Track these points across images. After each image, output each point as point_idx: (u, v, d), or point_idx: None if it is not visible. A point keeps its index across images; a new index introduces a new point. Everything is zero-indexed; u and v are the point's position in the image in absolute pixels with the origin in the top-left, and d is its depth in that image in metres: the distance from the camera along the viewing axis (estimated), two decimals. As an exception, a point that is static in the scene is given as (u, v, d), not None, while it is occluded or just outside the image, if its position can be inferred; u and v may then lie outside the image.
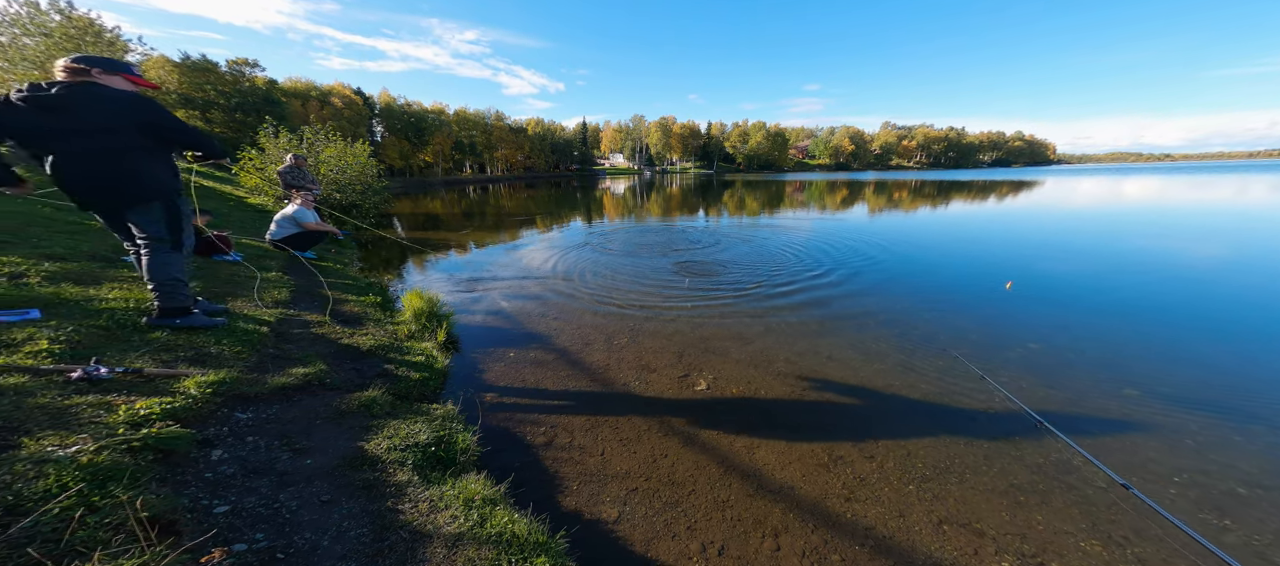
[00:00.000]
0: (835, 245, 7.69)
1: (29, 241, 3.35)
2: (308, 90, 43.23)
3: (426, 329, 3.39)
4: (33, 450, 1.25)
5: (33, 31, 14.92)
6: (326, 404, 2.07)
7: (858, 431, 2.41)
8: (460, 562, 1.37)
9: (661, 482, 2.01)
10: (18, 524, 0.99)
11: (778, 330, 3.84)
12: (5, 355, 1.73)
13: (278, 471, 1.56)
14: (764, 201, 17.82)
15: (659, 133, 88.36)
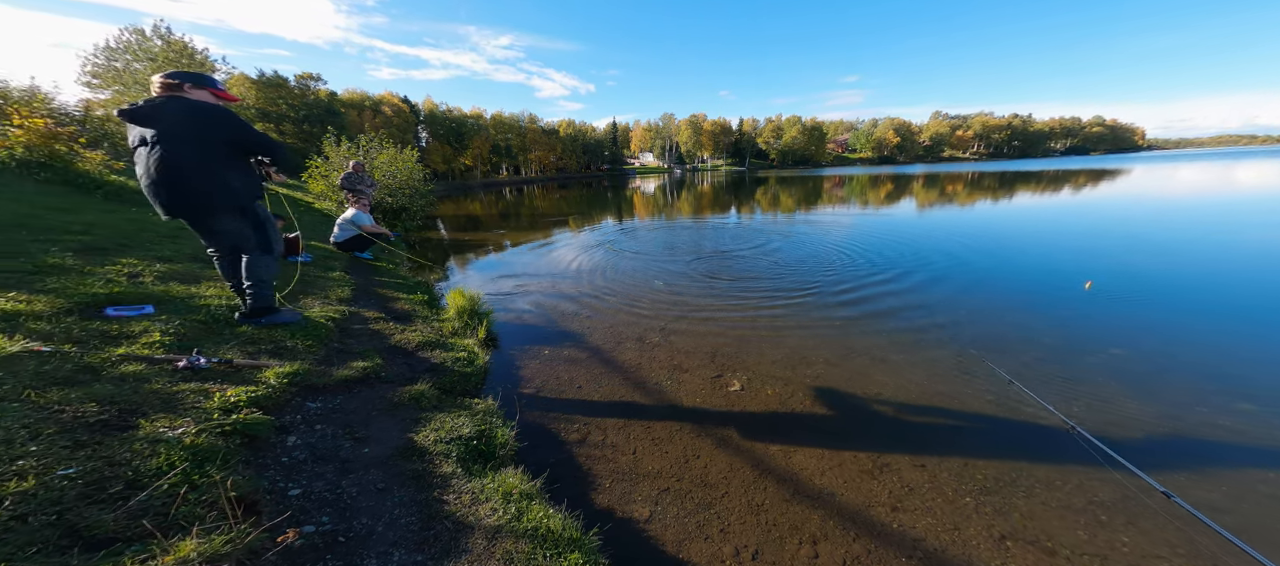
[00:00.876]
0: (881, 242, 7.24)
1: (142, 245, 3.85)
2: (362, 100, 46.52)
3: (468, 326, 3.56)
4: (147, 431, 1.43)
5: (141, 57, 17.08)
6: (381, 396, 2.23)
7: (906, 439, 2.26)
8: (499, 555, 1.43)
9: (694, 483, 1.98)
10: (136, 497, 1.14)
11: (816, 331, 3.68)
12: (126, 346, 1.99)
13: (341, 458, 1.69)
14: (800, 198, 17.11)
15: (689, 130, 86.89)
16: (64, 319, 2.10)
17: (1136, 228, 7.75)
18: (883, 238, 7.53)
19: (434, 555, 1.37)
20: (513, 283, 5.54)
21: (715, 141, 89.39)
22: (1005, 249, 6.50)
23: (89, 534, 1.00)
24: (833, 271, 5.49)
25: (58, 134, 5.93)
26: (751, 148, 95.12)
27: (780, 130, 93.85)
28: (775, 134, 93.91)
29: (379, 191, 9.92)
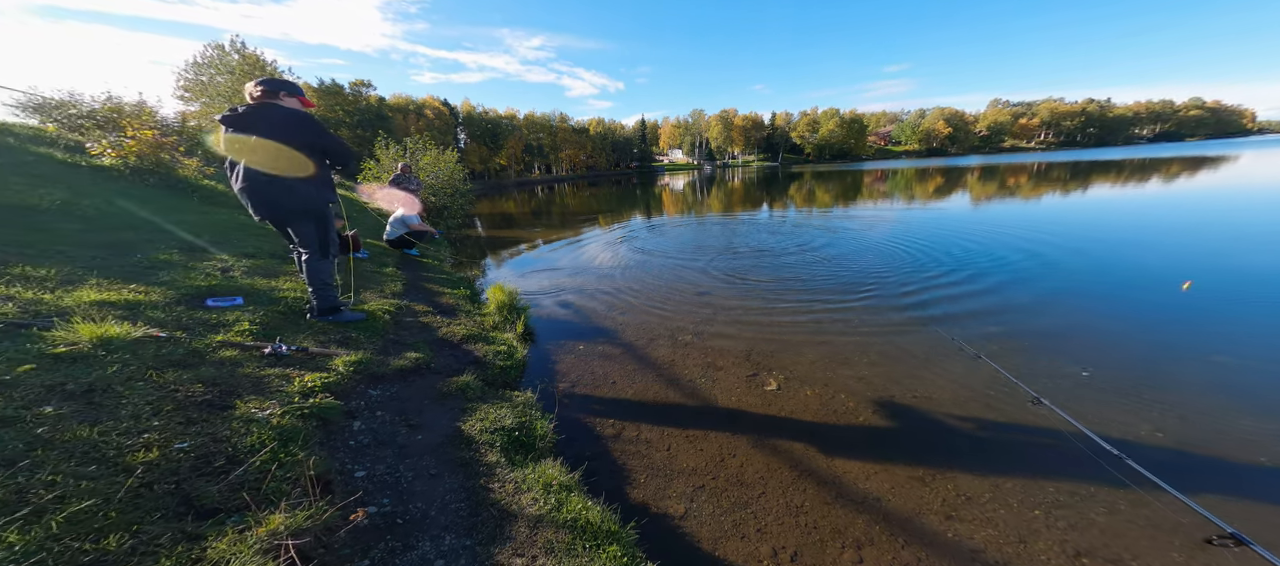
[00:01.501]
0: (944, 239, 6.75)
1: (233, 243, 4.31)
2: (406, 104, 49.13)
3: (507, 320, 3.70)
4: (242, 411, 1.61)
5: (222, 70, 19.00)
6: (432, 386, 2.37)
7: (964, 446, 2.13)
8: (540, 543, 1.49)
9: (730, 482, 1.97)
10: (235, 471, 1.30)
11: (859, 331, 3.53)
12: (223, 333, 2.24)
13: (398, 444, 1.83)
14: (839, 192, 16.32)
15: (719, 126, 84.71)
16: (174, 308, 2.40)
17: (1246, 221, 6.78)
18: (945, 234, 7.02)
19: (481, 540, 1.45)
20: (547, 279, 5.69)
21: (746, 137, 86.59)
22: (1085, 244, 5.89)
23: (199, 503, 1.15)
24: (893, 271, 5.17)
25: (163, 143, 6.73)
26: (785, 142, 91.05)
27: (816, 124, 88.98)
28: (811, 127, 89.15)
29: (423, 191, 10.51)
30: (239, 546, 1.00)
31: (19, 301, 1.93)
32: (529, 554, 1.44)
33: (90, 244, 3.19)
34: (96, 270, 2.59)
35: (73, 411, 1.33)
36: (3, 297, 1.93)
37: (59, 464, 1.10)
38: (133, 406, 1.44)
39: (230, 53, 19.63)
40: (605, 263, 6.42)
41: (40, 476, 1.04)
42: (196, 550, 0.99)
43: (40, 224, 3.34)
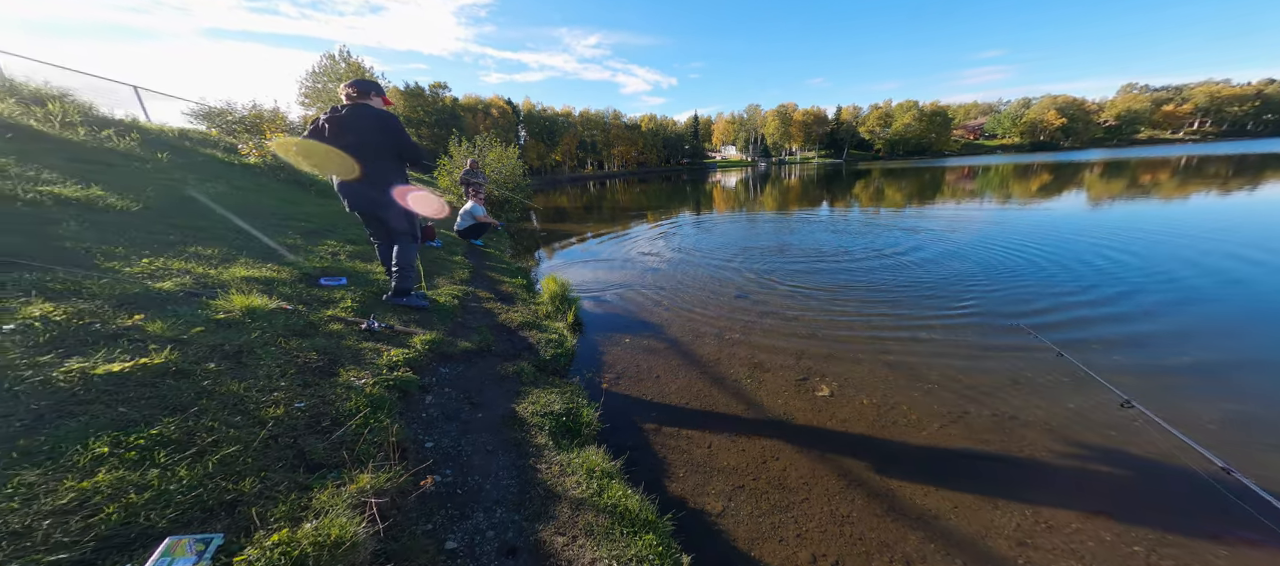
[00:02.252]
0: (1073, 246, 5.77)
1: (337, 231, 4.99)
2: (475, 104, 52.51)
3: (559, 310, 3.88)
4: (344, 378, 1.88)
5: (332, 78, 21.84)
6: (491, 368, 2.58)
7: (1047, 469, 1.88)
8: (581, 524, 1.56)
9: (770, 484, 1.92)
10: (337, 431, 1.52)
11: (927, 340, 3.21)
12: (331, 309, 2.61)
13: (462, 419, 2.01)
14: (912, 191, 14.68)
15: (777, 121, 79.43)
16: (297, 285, 2.84)
17: None
18: (1073, 241, 5.93)
19: (528, 516, 1.56)
20: (596, 271, 5.84)
21: (806, 132, 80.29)
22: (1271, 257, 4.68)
23: (309, 457, 1.36)
24: (995, 279, 4.51)
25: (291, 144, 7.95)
26: (851, 138, 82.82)
27: (889, 117, 79.42)
28: (882, 121, 79.83)
29: (488, 186, 11.26)
30: (335, 500, 1.18)
31: (194, 275, 2.41)
32: (570, 533, 1.52)
33: (242, 229, 3.87)
34: (244, 251, 3.15)
35: (227, 369, 1.64)
36: (182, 271, 2.42)
37: (216, 413, 1.37)
38: (268, 368, 1.74)
39: (339, 61, 22.47)
40: (653, 258, 6.43)
41: (204, 421, 1.31)
42: (304, 499, 1.18)
43: (206, 212, 4.13)
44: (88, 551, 0.87)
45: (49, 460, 1.03)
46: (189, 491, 1.06)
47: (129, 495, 1.00)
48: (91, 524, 0.91)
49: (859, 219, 9.07)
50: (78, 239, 2.35)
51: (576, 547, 1.47)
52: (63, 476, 0.99)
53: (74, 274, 1.90)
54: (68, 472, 1.01)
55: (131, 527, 0.94)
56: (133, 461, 1.09)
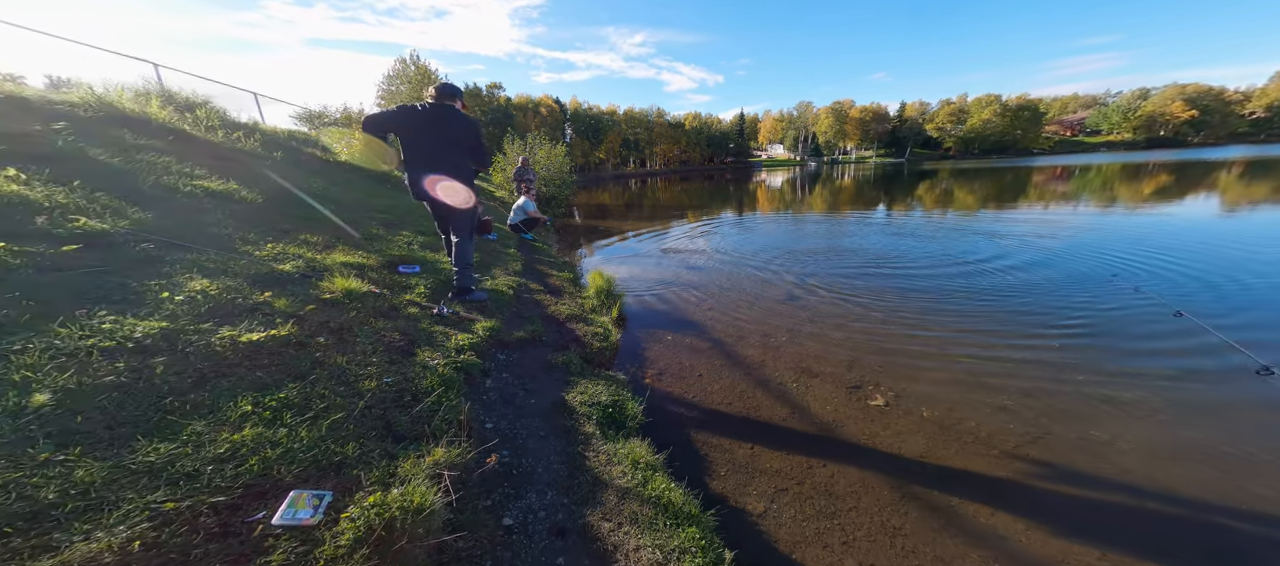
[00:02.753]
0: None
1: (410, 223, 5.47)
2: (526, 103, 54.40)
3: (604, 305, 3.98)
4: (421, 358, 2.08)
5: (404, 81, 23.76)
6: (542, 357, 2.71)
7: (1143, 514, 1.65)
8: (626, 512, 1.61)
9: (816, 490, 1.87)
10: (417, 407, 1.69)
11: (1005, 356, 2.91)
12: (409, 294, 2.89)
13: (517, 404, 2.15)
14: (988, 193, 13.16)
15: (830, 119, 73.78)
16: (382, 271, 3.18)
17: None
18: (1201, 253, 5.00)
19: (576, 500, 1.63)
20: (637, 268, 5.90)
21: (864, 130, 73.65)
22: None
23: (395, 428, 1.54)
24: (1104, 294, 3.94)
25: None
26: (916, 135, 75.06)
27: (963, 112, 70.25)
28: (955, 117, 70.81)
29: (537, 182, 11.72)
30: (416, 469, 1.32)
31: (305, 259, 2.79)
32: (616, 520, 1.58)
33: (338, 219, 4.39)
34: (342, 240, 3.57)
35: (333, 343, 1.88)
36: (296, 256, 2.80)
37: (326, 382, 1.59)
38: (363, 344, 1.97)
39: (409, 65, 24.40)
40: (695, 257, 6.36)
41: (317, 389, 1.52)
42: (391, 466, 1.33)
43: (307, 205, 4.73)
44: (237, 495, 1.06)
45: (211, 413, 1.26)
46: (308, 451, 1.25)
47: (265, 450, 1.20)
48: (240, 472, 1.11)
49: (923, 222, 8.31)
50: (221, 226, 2.81)
51: (621, 534, 1.53)
52: (220, 428, 1.21)
53: (221, 255, 2.28)
54: (223, 425, 1.23)
55: (267, 479, 1.13)
56: (268, 420, 1.30)
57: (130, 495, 0.95)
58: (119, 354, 1.33)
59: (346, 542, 1.01)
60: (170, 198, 2.88)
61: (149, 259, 1.96)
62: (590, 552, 1.44)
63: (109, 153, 3.09)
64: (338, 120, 10.48)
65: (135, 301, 1.63)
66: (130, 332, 1.42)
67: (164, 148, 3.79)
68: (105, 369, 1.26)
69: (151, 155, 3.43)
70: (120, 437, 1.09)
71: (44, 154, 2.60)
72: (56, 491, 0.91)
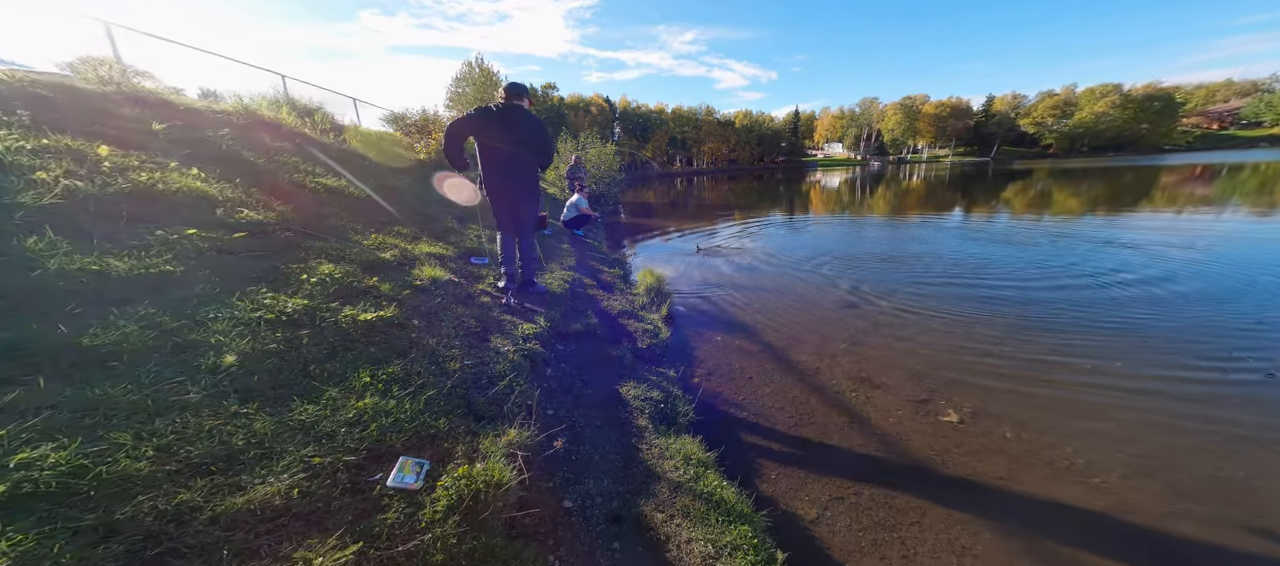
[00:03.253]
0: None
1: (477, 217, 5.92)
2: (577, 102, 55.41)
3: (653, 303, 4.03)
4: (494, 344, 2.28)
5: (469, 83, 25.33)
6: (597, 350, 2.83)
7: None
8: (678, 506, 1.66)
9: (875, 502, 1.79)
10: (492, 389, 1.87)
11: (1116, 373, 2.58)
12: (481, 283, 3.16)
13: (574, 394, 2.27)
14: (1096, 196, 11.26)
15: (899, 115, 66.40)
16: (458, 261, 3.50)
17: None
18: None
19: (631, 490, 1.70)
20: (684, 267, 5.86)
21: (939, 127, 65.54)
22: None
23: (475, 408, 1.71)
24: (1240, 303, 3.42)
25: (446, 144, 9.63)
26: (1004, 132, 65.45)
27: (1070, 105, 59.42)
28: (1058, 111, 60.08)
29: (588, 180, 12.01)
30: (494, 447, 1.46)
31: (399, 249, 3.15)
32: (668, 511, 1.62)
33: (420, 213, 4.90)
34: (426, 232, 3.98)
35: (424, 326, 2.13)
36: (392, 245, 3.17)
37: (421, 361, 1.81)
38: (447, 327, 2.20)
39: (474, 68, 25.99)
40: (743, 258, 6.19)
41: (416, 367, 1.74)
42: (474, 442, 1.49)
43: (398, 199, 5.30)
44: (361, 456, 1.25)
45: (341, 381, 1.50)
46: (411, 421, 1.44)
47: (381, 418, 1.40)
48: (363, 436, 1.31)
49: (1011, 227, 7.32)
50: (337, 218, 3.26)
51: (673, 525, 1.57)
52: (348, 396, 1.44)
53: (339, 244, 2.66)
54: (350, 393, 1.46)
55: (382, 444, 1.32)
56: (380, 391, 1.51)
57: (290, 448, 1.17)
58: (277, 325, 1.63)
59: (442, 508, 1.16)
60: (300, 193, 3.39)
61: (290, 245, 2.34)
62: (644, 540, 1.50)
63: (256, 154, 3.70)
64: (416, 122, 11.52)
65: (284, 281, 1.96)
66: (283, 308, 1.73)
67: (292, 149, 4.45)
68: (268, 337, 1.55)
69: (284, 156, 4.06)
70: (281, 397, 1.34)
71: (214, 156, 3.18)
72: (242, 439, 1.15)
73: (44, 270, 1.44)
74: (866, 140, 72.08)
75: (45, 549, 0.76)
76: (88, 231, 1.73)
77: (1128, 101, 54.91)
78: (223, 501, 0.97)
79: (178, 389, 1.23)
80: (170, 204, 2.21)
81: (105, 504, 0.88)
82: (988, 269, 4.87)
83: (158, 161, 2.58)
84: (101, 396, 1.12)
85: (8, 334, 1.19)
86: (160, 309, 1.49)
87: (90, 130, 2.65)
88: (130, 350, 1.29)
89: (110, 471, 0.94)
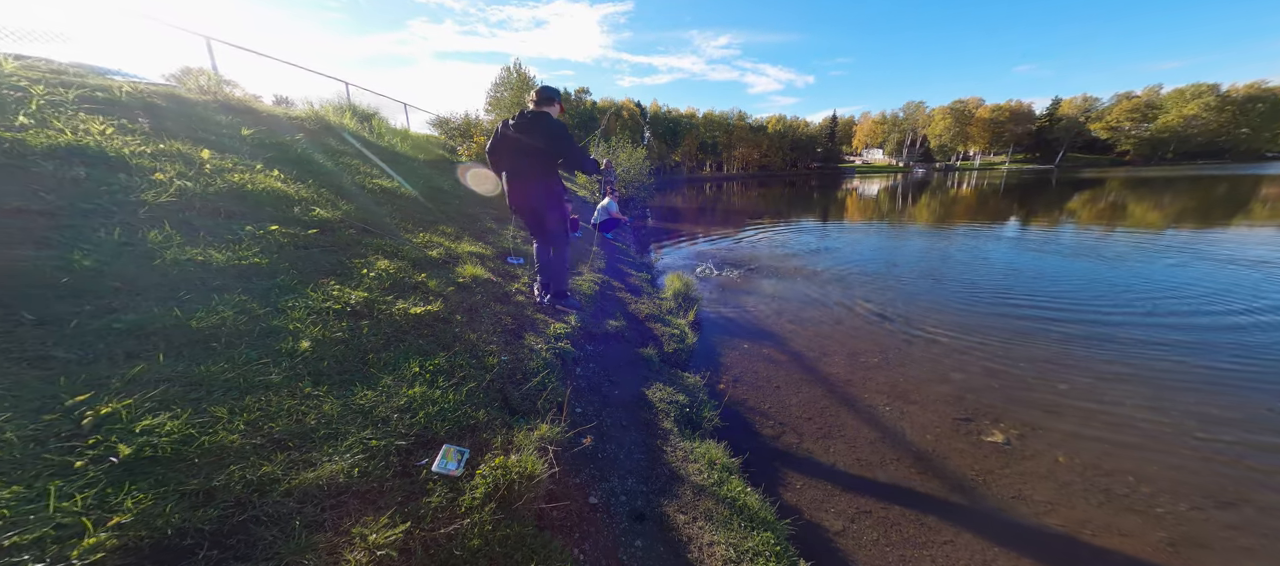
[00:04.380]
0: None
1: (515, 220, 6.16)
2: (609, 106, 55.72)
3: (680, 308, 4.01)
4: (529, 342, 2.37)
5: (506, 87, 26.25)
6: (625, 351, 2.87)
7: None
8: (701, 509, 1.65)
9: (904, 518, 1.73)
10: (526, 385, 1.94)
11: (1190, 404, 2.33)
12: (516, 283, 3.29)
13: (602, 394, 2.32)
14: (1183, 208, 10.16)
15: (948, 120, 61.45)
16: (495, 261, 3.66)
17: None
18: None
19: (654, 490, 1.72)
20: (712, 272, 5.79)
21: (995, 132, 60.13)
22: None
23: (510, 402, 1.79)
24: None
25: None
26: (1072, 137, 58.85)
27: (1152, 108, 52.31)
28: (1138, 115, 53.07)
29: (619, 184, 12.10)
30: (527, 440, 1.53)
31: (444, 247, 3.34)
32: (691, 513, 1.63)
33: (462, 214, 5.16)
34: (467, 232, 4.19)
35: (466, 321, 2.25)
36: (438, 244, 3.37)
37: (463, 354, 1.91)
38: (487, 324, 2.31)
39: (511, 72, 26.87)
40: (773, 266, 6.06)
41: (458, 360, 1.84)
42: (509, 435, 1.56)
43: (444, 200, 5.61)
44: (411, 441, 1.35)
45: (395, 370, 1.62)
46: (454, 411, 1.53)
47: (428, 407, 1.50)
48: (413, 423, 1.41)
49: (1075, 241, 6.64)
50: (391, 217, 3.51)
51: (696, 527, 1.57)
52: (401, 384, 1.55)
53: (393, 241, 2.87)
54: (402, 381, 1.57)
55: (428, 431, 1.42)
56: (428, 381, 1.62)
57: (351, 430, 1.29)
58: (343, 315, 1.79)
59: (480, 495, 1.23)
60: (360, 193, 3.68)
61: (353, 242, 2.55)
62: (665, 540, 1.52)
63: (324, 157, 4.05)
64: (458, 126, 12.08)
65: (348, 274, 2.14)
66: (347, 299, 1.89)
67: (353, 152, 4.83)
68: (335, 326, 1.70)
69: (347, 158, 4.41)
70: (346, 382, 1.47)
71: (291, 158, 3.52)
72: (314, 419, 1.27)
73: (162, 260, 1.66)
74: (910, 146, 67.58)
75: (159, 508, 0.89)
76: (194, 226, 1.97)
77: (1226, 103, 47.74)
78: (297, 476, 1.08)
79: (263, 369, 1.38)
80: (257, 202, 2.47)
81: (206, 470, 1.01)
82: (1045, 283, 4.46)
83: (247, 163, 2.88)
84: (205, 373, 1.28)
85: (134, 315, 1.38)
86: (250, 296, 1.67)
87: (194, 135, 3.00)
88: (227, 332, 1.46)
89: (211, 441, 1.08)
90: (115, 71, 4.46)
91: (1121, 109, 54.77)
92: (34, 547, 0.75)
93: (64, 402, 1.03)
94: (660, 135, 57.72)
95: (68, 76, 2.94)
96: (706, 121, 61.05)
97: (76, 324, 1.28)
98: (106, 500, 0.87)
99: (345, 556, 0.94)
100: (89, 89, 2.80)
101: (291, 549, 0.91)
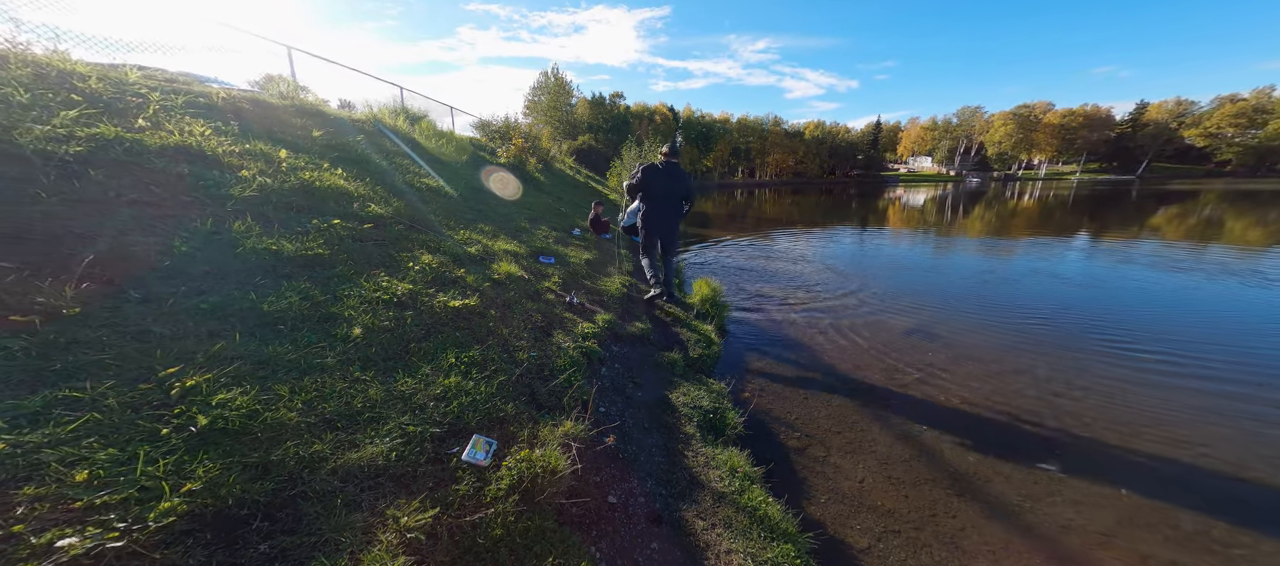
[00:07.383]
0: None
1: (548, 220, 6.28)
2: (642, 111, 55.48)
3: (707, 313, 3.91)
4: (556, 339, 2.39)
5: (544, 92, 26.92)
6: (649, 355, 2.83)
7: None
8: (721, 516, 1.59)
9: (937, 539, 1.60)
10: (553, 381, 1.96)
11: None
12: (547, 282, 3.34)
13: (626, 395, 2.29)
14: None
15: (1010, 125, 56.05)
16: (528, 259, 3.74)
17: None
18: None
19: (675, 494, 1.67)
20: (741, 279, 5.64)
21: (1064, 139, 54.19)
22: None
23: (537, 398, 1.80)
24: None
25: (524, 148, 10.35)
26: (1158, 146, 51.85)
27: (1262, 113, 44.86)
28: (1244, 120, 45.70)
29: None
30: (552, 436, 1.53)
31: (481, 245, 3.46)
32: (710, 520, 1.57)
33: (499, 213, 5.33)
34: (503, 230, 4.32)
35: (499, 316, 2.31)
36: (476, 241, 3.49)
37: (496, 349, 1.96)
38: (517, 320, 2.36)
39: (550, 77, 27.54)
40: (806, 275, 5.79)
41: (491, 353, 1.89)
42: (535, 429, 1.58)
43: (482, 200, 5.83)
44: (444, 430, 1.39)
45: (433, 360, 1.68)
46: (485, 403, 1.56)
47: (461, 397, 1.54)
48: (448, 412, 1.45)
49: (1157, 255, 5.83)
50: (435, 214, 3.69)
51: (714, 534, 1.52)
52: (438, 374, 1.61)
53: (436, 237, 3.00)
54: (439, 371, 1.63)
55: (461, 420, 1.45)
56: (462, 372, 1.67)
57: (392, 415, 1.35)
58: (390, 305, 1.88)
59: (505, 486, 1.24)
60: (409, 191, 3.89)
61: (401, 237, 2.69)
62: (683, 544, 1.47)
63: (380, 156, 4.32)
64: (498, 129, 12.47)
65: (396, 267, 2.26)
66: (394, 290, 1.99)
67: (403, 152, 5.12)
68: (383, 315, 1.79)
69: (399, 158, 4.68)
70: (390, 369, 1.55)
71: (352, 157, 3.78)
72: (361, 402, 1.34)
73: (243, 248, 1.82)
74: (964, 153, 62.40)
75: (224, 478, 0.96)
76: (270, 218, 2.15)
77: (1353, 108, 40.14)
78: (343, 456, 1.14)
79: (320, 353, 1.47)
80: (322, 197, 2.66)
81: (266, 445, 1.09)
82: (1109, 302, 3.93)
83: (316, 163, 3.12)
84: (272, 353, 1.38)
85: (217, 297, 1.52)
86: (313, 284, 1.80)
87: (273, 136, 3.28)
88: (292, 316, 1.58)
89: (273, 417, 1.16)
90: (213, 79, 4.99)
91: (1224, 113, 47.27)
92: (119, 507, 0.83)
93: (157, 374, 1.15)
94: (692, 140, 56.85)
95: (177, 84, 3.31)
96: (740, 126, 59.58)
97: (172, 303, 1.43)
98: (183, 467, 0.95)
99: (378, 537, 0.97)
100: (193, 95, 3.13)
101: (332, 526, 0.96)
